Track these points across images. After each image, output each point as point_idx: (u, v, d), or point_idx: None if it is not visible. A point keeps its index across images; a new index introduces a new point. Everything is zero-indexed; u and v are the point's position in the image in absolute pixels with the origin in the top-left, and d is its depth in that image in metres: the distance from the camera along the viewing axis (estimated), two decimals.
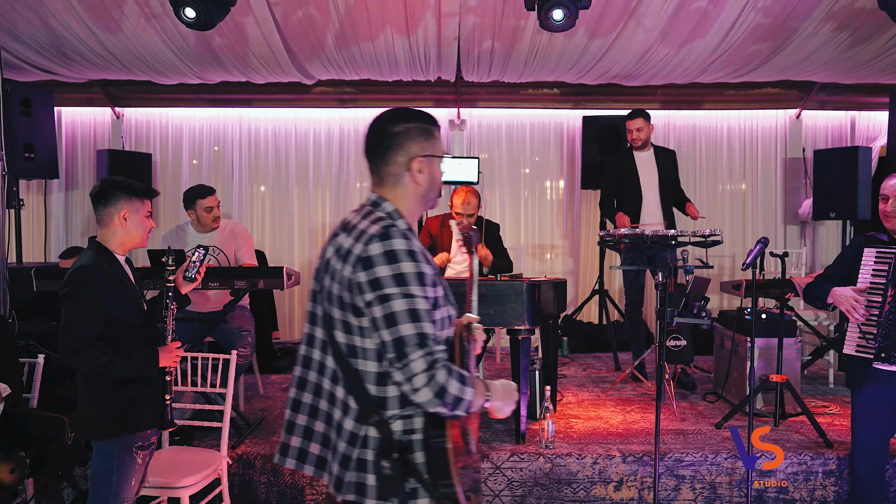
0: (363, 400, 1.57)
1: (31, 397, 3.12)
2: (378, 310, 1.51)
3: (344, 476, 1.56)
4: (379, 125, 1.70)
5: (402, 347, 1.50)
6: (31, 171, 5.16)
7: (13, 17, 4.59)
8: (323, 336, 1.65)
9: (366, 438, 1.56)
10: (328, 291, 1.62)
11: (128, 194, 2.38)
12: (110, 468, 2.34)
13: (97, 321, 2.24)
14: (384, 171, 1.70)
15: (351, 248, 1.58)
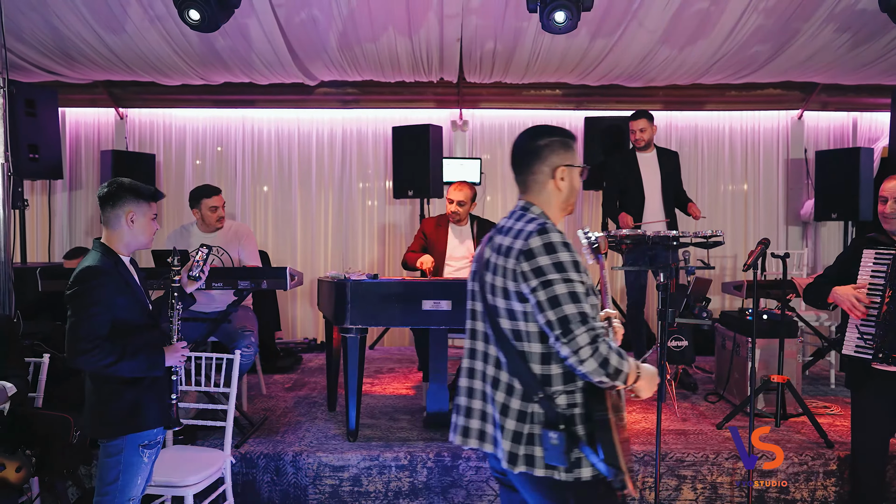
0: (528, 379, 1.77)
1: (37, 396, 3.14)
2: (542, 294, 1.71)
3: (518, 451, 1.75)
4: (525, 140, 1.94)
5: (568, 324, 1.68)
6: (36, 171, 5.18)
7: (18, 18, 4.61)
8: (484, 328, 1.88)
9: (532, 415, 1.76)
10: (491, 285, 1.85)
11: (135, 197, 2.40)
12: (117, 467, 2.36)
13: (103, 321, 2.26)
14: (530, 179, 1.92)
15: (511, 245, 1.81)
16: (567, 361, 1.71)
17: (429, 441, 3.71)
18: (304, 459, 3.51)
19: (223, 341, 4.15)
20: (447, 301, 3.59)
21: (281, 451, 3.55)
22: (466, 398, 1.91)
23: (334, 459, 3.51)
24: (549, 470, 1.73)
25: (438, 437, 3.77)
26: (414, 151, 5.74)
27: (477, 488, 3.50)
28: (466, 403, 1.91)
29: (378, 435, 3.82)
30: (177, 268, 2.53)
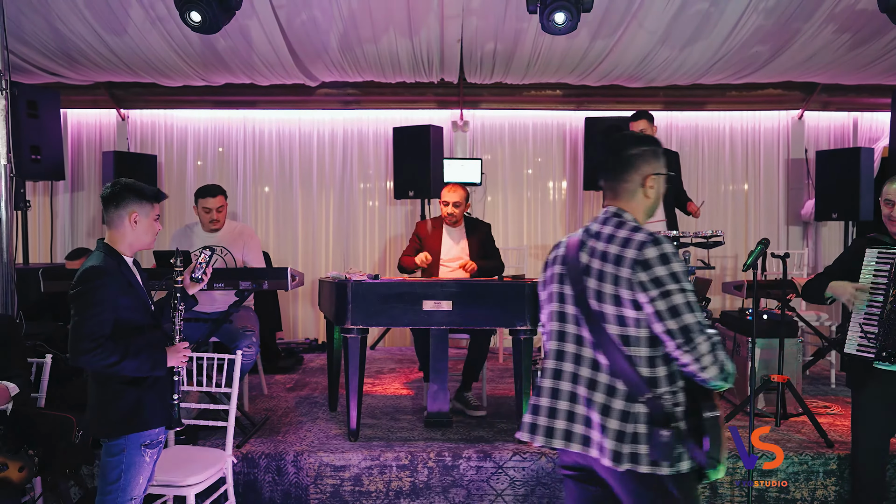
0: (634, 381, 1.83)
1: (39, 397, 3.16)
2: (662, 303, 1.78)
3: (622, 449, 1.80)
4: (617, 148, 2.01)
5: (689, 334, 1.77)
6: (38, 172, 5.20)
7: (20, 20, 4.63)
8: (577, 331, 1.93)
9: (637, 415, 1.82)
10: (596, 291, 1.89)
11: (139, 198, 2.42)
12: (119, 466, 2.38)
13: (106, 322, 2.27)
14: (621, 187, 1.99)
15: (621, 254, 1.86)
16: (687, 368, 1.80)
17: (429, 441, 3.72)
18: (306, 459, 3.53)
19: (225, 341, 4.17)
20: (448, 301, 3.60)
21: (282, 451, 3.56)
22: (551, 399, 1.94)
23: (335, 459, 3.52)
24: (653, 466, 1.79)
25: (439, 437, 3.78)
26: (415, 152, 5.75)
27: (477, 488, 3.51)
28: (550, 404, 1.94)
29: (379, 435, 3.83)
30: (179, 269, 2.55)
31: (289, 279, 3.74)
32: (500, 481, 3.51)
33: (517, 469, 3.51)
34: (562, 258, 2.01)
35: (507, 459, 3.52)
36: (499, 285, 3.67)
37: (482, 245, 4.53)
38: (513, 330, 3.67)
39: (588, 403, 1.88)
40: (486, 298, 3.62)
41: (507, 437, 3.78)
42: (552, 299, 2.01)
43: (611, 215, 1.98)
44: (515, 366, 3.72)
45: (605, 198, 2.04)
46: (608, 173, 2.01)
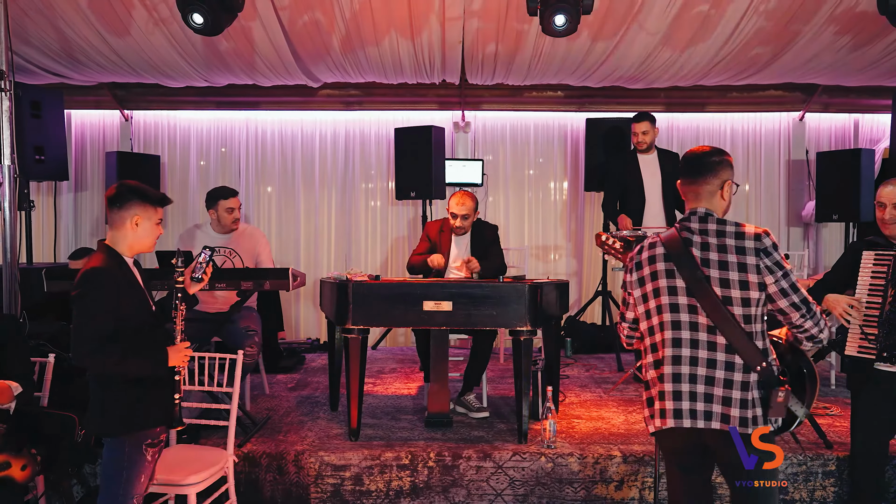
0: (751, 354, 2.09)
1: (42, 396, 3.18)
2: (785, 282, 2.13)
3: (748, 414, 2.09)
4: (702, 156, 2.29)
5: (808, 304, 2.16)
6: (41, 173, 5.23)
7: (24, 22, 4.67)
8: (690, 318, 2.16)
9: (752, 383, 2.10)
10: (720, 279, 2.14)
11: (143, 200, 2.43)
12: (120, 465, 2.40)
13: (108, 322, 2.29)
14: (704, 189, 2.27)
15: (743, 245, 2.16)
16: (807, 332, 2.20)
17: (430, 441, 3.73)
18: (306, 459, 3.55)
19: (227, 341, 4.19)
20: (448, 302, 3.62)
21: (283, 451, 3.58)
22: (691, 384, 2.14)
23: (336, 459, 3.54)
24: (771, 424, 2.12)
25: (439, 437, 3.79)
26: (416, 153, 5.77)
27: (477, 488, 3.53)
28: (691, 389, 2.14)
29: (380, 434, 3.85)
30: (180, 269, 2.57)
31: (290, 279, 3.76)
32: (500, 481, 3.53)
33: (517, 469, 3.53)
34: (664, 255, 2.23)
35: (506, 459, 3.54)
36: (499, 286, 3.68)
37: (487, 247, 4.54)
38: (513, 331, 3.68)
39: (710, 381, 2.11)
40: (487, 299, 3.63)
41: (507, 437, 3.80)
42: (661, 294, 2.21)
43: (705, 215, 2.24)
44: (515, 367, 3.74)
45: (688, 200, 2.30)
46: (693, 175, 2.27)
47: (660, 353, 2.19)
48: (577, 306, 6.37)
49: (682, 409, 2.13)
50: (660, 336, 2.20)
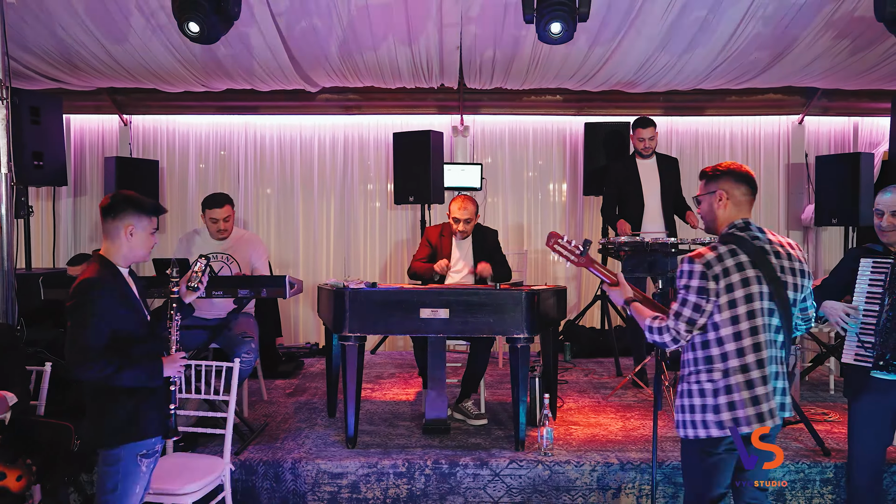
0: (788, 347, 2.41)
1: (39, 405, 3.18)
2: (809, 286, 2.46)
3: (787, 400, 2.41)
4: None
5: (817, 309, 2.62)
6: (40, 178, 5.22)
7: (23, 29, 4.67)
8: (768, 321, 2.34)
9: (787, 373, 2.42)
10: (794, 284, 2.38)
11: (137, 210, 2.43)
12: (115, 476, 2.40)
13: (102, 333, 2.30)
14: (753, 203, 2.50)
15: (797, 255, 2.43)
16: (812, 322, 2.59)
17: (427, 448, 3.73)
18: (303, 466, 3.55)
19: (224, 348, 4.19)
20: (445, 309, 3.62)
21: (280, 458, 3.58)
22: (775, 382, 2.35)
23: (333, 466, 3.54)
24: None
25: (437, 444, 3.79)
26: (415, 157, 5.77)
27: (474, 495, 3.53)
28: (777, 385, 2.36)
29: (377, 442, 3.85)
30: (175, 279, 2.57)
31: (287, 287, 3.77)
32: (497, 489, 3.53)
33: (514, 477, 3.53)
34: (751, 263, 2.33)
35: (503, 467, 3.53)
36: (496, 293, 3.68)
37: (490, 252, 4.55)
38: (510, 338, 3.68)
39: (779, 377, 2.36)
40: (484, 306, 3.63)
41: (504, 444, 3.79)
42: (753, 299, 2.32)
43: (755, 226, 2.43)
44: (512, 374, 3.73)
45: (741, 211, 2.44)
46: (754, 192, 2.47)
47: (746, 359, 2.31)
48: (577, 310, 6.37)
49: (777, 405, 2.35)
50: (749, 341, 2.31)
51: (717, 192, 2.44)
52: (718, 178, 2.46)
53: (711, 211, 2.47)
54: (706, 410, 2.34)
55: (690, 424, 2.38)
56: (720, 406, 2.32)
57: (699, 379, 2.37)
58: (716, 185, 2.45)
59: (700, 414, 2.35)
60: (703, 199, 2.51)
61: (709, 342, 2.35)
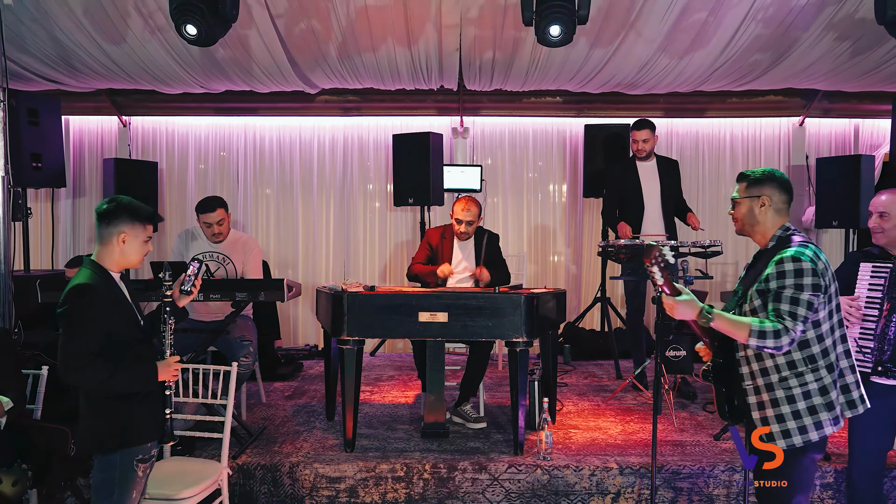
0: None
1: (36, 409, 3.17)
2: None
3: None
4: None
5: None
6: (39, 180, 5.21)
7: (21, 30, 4.66)
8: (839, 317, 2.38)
9: None
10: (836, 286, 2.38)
11: (131, 218, 2.41)
12: (111, 481, 2.38)
13: (95, 338, 2.28)
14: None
15: None
16: None
17: (425, 452, 3.72)
18: (301, 470, 3.53)
19: (222, 351, 4.18)
20: (443, 313, 3.60)
21: (278, 462, 3.57)
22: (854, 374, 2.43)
23: (331, 470, 3.53)
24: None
25: (435, 448, 3.78)
26: (414, 159, 5.75)
27: (473, 500, 3.51)
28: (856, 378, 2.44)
29: (375, 445, 3.84)
30: (168, 283, 2.55)
31: (285, 290, 3.75)
32: (496, 493, 3.51)
33: (513, 481, 3.51)
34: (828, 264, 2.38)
35: (502, 471, 3.52)
36: (495, 297, 3.66)
37: (490, 256, 4.54)
38: (509, 342, 3.66)
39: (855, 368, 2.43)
40: (482, 310, 3.62)
41: (503, 448, 3.78)
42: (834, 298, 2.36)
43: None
44: (511, 377, 3.72)
45: (783, 218, 2.46)
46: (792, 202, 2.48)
47: (838, 351, 2.37)
48: (576, 312, 6.35)
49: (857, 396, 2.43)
50: (838, 333, 2.38)
51: (760, 198, 2.42)
52: (763, 184, 2.43)
53: (752, 215, 2.44)
54: (819, 410, 2.29)
55: (800, 430, 2.30)
56: (832, 402, 2.31)
57: (805, 381, 2.30)
58: (759, 190, 2.42)
59: (810, 416, 2.29)
60: (741, 203, 2.46)
61: (808, 340, 2.31)
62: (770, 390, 2.34)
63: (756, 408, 2.37)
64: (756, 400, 2.37)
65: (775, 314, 2.27)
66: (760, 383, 2.36)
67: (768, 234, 2.45)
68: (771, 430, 2.33)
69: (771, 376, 2.34)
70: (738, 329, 2.29)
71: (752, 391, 2.39)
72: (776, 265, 2.31)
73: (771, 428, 2.33)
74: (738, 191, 2.49)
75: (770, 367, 2.34)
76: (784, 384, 2.32)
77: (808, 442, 2.30)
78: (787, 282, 2.27)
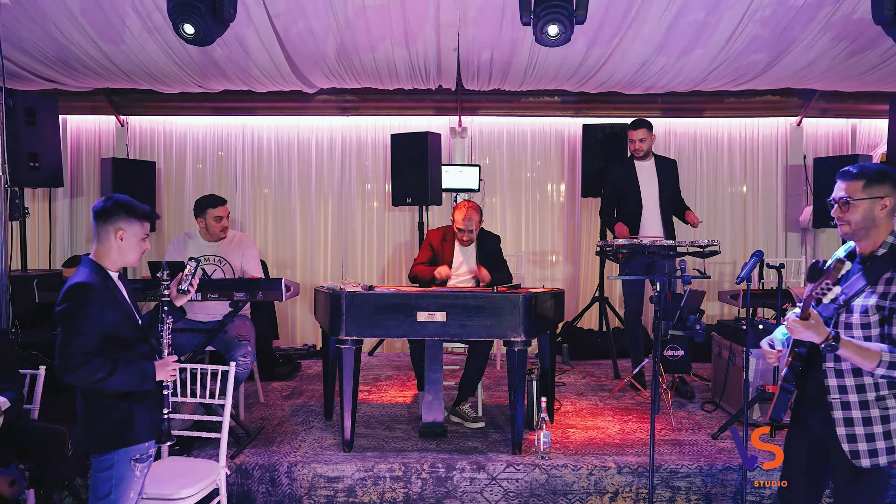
0: None
1: (33, 408, 3.16)
2: None
3: None
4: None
5: None
6: (36, 180, 5.20)
7: (18, 30, 4.65)
8: None
9: None
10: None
11: (128, 215, 2.42)
12: (108, 482, 2.38)
13: (93, 338, 2.28)
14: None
15: None
16: None
17: (423, 451, 3.72)
18: (299, 470, 3.53)
19: (220, 350, 4.18)
20: (442, 313, 3.60)
21: (276, 462, 3.57)
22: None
23: (329, 470, 3.53)
24: None
25: (433, 448, 3.78)
26: (413, 159, 5.75)
27: (471, 499, 3.51)
28: None
29: (373, 445, 3.83)
30: (166, 282, 2.55)
31: (283, 290, 3.75)
32: (494, 493, 3.51)
33: (511, 481, 3.51)
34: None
35: (500, 471, 3.52)
36: (493, 296, 3.66)
37: (492, 258, 4.54)
38: (507, 341, 3.66)
39: None
40: (481, 310, 3.62)
41: (501, 447, 3.78)
42: None
43: None
44: (510, 377, 3.72)
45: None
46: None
47: None
48: (575, 312, 6.35)
49: None
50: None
51: (884, 199, 2.21)
52: (885, 182, 2.22)
53: (871, 217, 2.22)
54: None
55: (888, 451, 2.19)
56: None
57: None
58: (882, 190, 2.21)
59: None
60: (859, 204, 2.22)
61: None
62: (864, 408, 2.21)
63: (843, 423, 2.23)
64: (843, 416, 2.23)
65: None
66: (853, 399, 2.22)
67: (880, 239, 2.24)
68: (858, 448, 2.21)
69: (868, 394, 2.21)
70: (865, 358, 2.12)
71: (838, 405, 2.24)
72: None
73: (858, 446, 2.21)
74: (849, 190, 2.26)
75: (868, 384, 2.21)
76: (881, 403, 2.20)
77: (892, 462, 2.20)
78: None
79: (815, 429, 2.35)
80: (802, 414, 2.42)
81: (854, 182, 2.25)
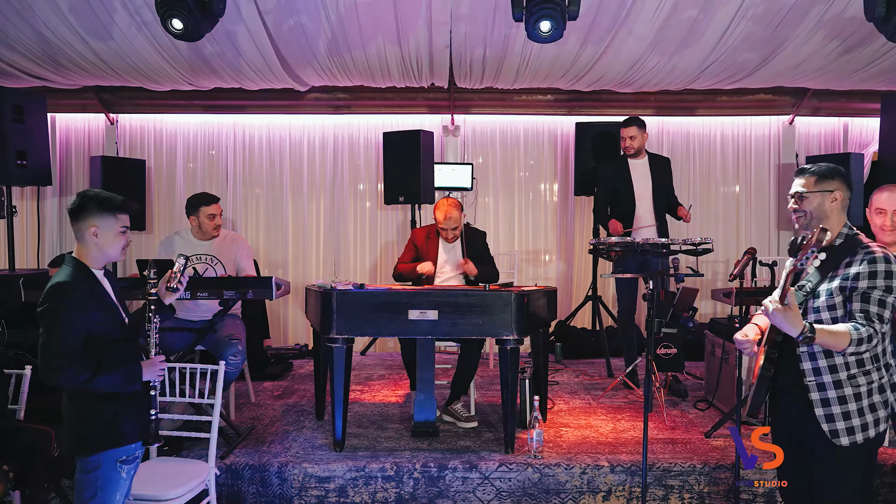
0: None
1: (19, 409, 3.11)
2: None
3: None
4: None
5: None
6: (24, 178, 5.14)
7: (4, 25, 4.59)
8: None
9: None
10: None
11: (99, 209, 2.34)
12: (95, 483, 2.34)
13: (76, 338, 2.23)
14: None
15: None
16: None
17: (415, 451, 3.69)
18: (290, 470, 3.50)
19: (210, 350, 4.13)
20: (433, 311, 3.57)
21: (267, 462, 3.53)
22: None
23: (320, 470, 3.49)
24: None
25: (425, 447, 3.75)
26: (405, 157, 5.72)
27: (464, 499, 3.49)
28: None
29: (365, 444, 3.80)
30: (153, 280, 2.50)
31: (273, 288, 3.71)
32: (487, 492, 3.49)
33: (503, 480, 3.49)
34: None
35: (493, 470, 3.50)
36: (485, 294, 3.64)
37: (478, 254, 4.52)
38: (499, 340, 3.64)
39: None
40: (473, 308, 3.59)
41: (494, 446, 3.76)
42: None
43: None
44: (502, 376, 3.69)
45: (845, 215, 2.44)
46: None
47: (887, 355, 2.38)
48: (568, 310, 6.33)
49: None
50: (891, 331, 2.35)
51: (834, 192, 2.40)
52: (834, 178, 2.42)
53: (822, 209, 2.40)
54: (878, 408, 2.32)
55: (863, 427, 2.31)
56: (887, 400, 2.36)
57: (871, 378, 2.32)
58: (832, 185, 2.40)
59: (871, 413, 2.32)
60: (812, 197, 2.41)
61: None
62: (839, 387, 2.32)
63: (820, 404, 2.34)
64: (819, 397, 2.34)
65: (864, 316, 2.25)
66: (828, 380, 2.33)
67: (836, 230, 2.41)
68: (836, 426, 2.31)
69: (840, 373, 2.32)
70: (838, 340, 2.23)
71: (814, 387, 2.35)
72: (868, 265, 2.27)
73: (836, 425, 2.31)
74: (803, 185, 2.44)
75: (840, 364, 2.32)
76: (853, 381, 2.32)
77: (868, 438, 2.31)
78: (878, 283, 2.25)
79: (794, 414, 2.46)
80: (782, 402, 2.52)
81: (808, 178, 2.46)
